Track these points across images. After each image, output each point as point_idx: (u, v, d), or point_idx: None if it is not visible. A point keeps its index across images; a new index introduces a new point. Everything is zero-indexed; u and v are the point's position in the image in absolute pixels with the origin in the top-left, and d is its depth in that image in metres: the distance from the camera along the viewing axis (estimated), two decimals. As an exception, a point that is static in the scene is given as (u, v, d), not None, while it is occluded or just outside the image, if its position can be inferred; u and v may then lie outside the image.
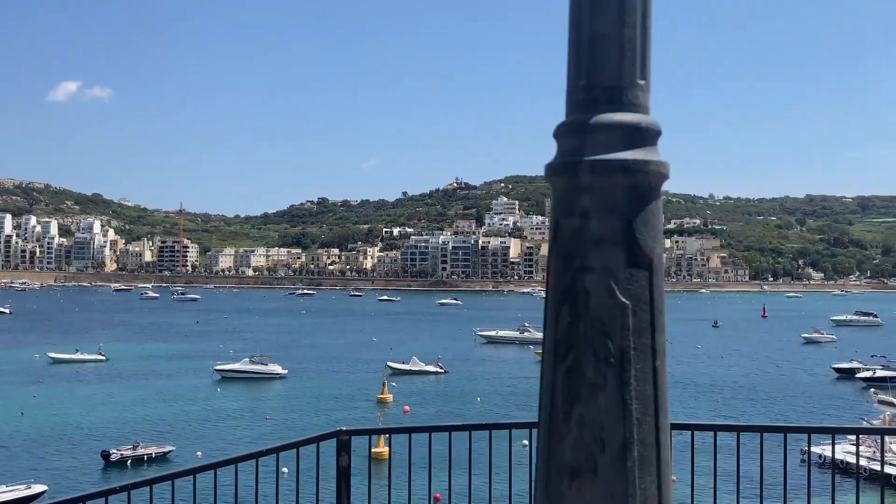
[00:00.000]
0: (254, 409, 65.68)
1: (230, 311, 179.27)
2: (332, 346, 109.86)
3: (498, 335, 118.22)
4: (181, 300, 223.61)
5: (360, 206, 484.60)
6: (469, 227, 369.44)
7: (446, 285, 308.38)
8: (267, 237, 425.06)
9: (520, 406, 66.07)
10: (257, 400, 70.56)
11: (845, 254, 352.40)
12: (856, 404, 64.94)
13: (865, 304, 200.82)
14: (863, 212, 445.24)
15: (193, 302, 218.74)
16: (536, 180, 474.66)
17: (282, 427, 58.65)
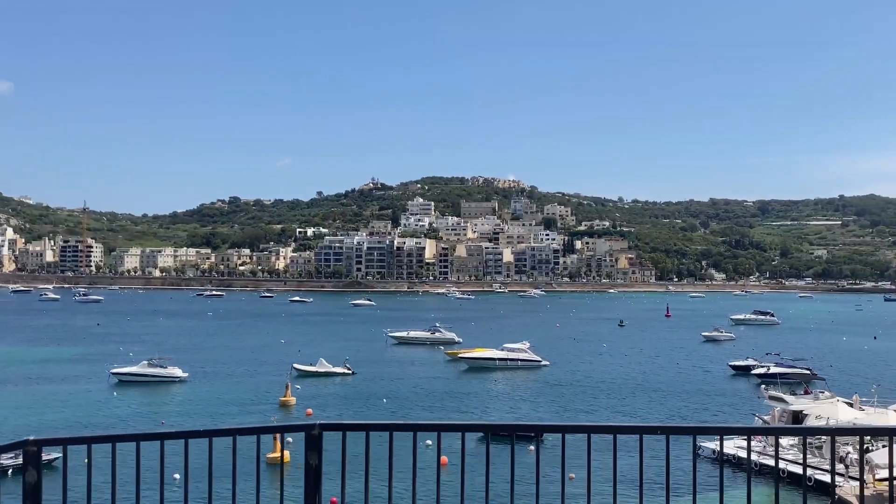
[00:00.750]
0: (149, 414, 63.43)
1: (134, 313, 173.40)
2: (237, 349, 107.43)
3: (409, 336, 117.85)
4: (83, 301, 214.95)
5: (273, 205, 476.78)
6: (385, 228, 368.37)
7: (361, 286, 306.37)
8: (176, 237, 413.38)
9: (425, 407, 66.04)
10: (154, 404, 68.15)
11: (746, 255, 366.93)
12: (749, 400, 67.27)
13: (764, 303, 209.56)
14: (762, 215, 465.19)
15: (96, 303, 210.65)
16: (452, 181, 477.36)
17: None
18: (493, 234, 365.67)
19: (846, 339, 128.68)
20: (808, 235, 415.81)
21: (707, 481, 48.35)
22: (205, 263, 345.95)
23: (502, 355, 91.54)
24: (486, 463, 6.26)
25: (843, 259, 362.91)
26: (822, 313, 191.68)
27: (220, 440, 6.31)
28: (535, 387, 78.98)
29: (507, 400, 70.73)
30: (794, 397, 57.51)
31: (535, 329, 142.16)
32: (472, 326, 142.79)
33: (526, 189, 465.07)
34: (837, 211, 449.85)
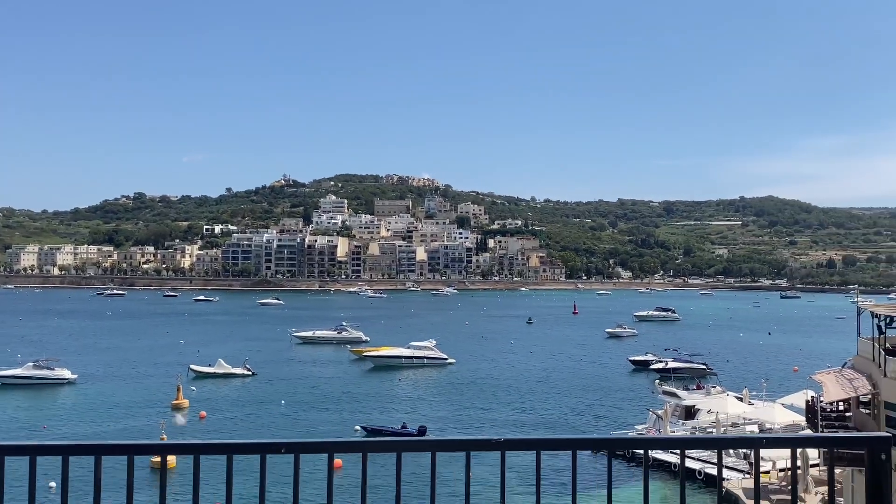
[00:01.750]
0: (31, 418, 60.06)
1: (27, 313, 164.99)
2: (134, 349, 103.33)
3: (315, 335, 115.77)
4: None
5: (180, 202, 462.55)
6: (296, 226, 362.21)
7: (270, 285, 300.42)
8: (77, 234, 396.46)
9: (323, 408, 64.68)
10: (37, 408, 64.63)
11: (651, 254, 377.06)
12: (646, 395, 68.42)
13: (667, 300, 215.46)
14: (668, 216, 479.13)
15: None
16: (367, 179, 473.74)
17: (61, 436, 53.93)
18: (407, 233, 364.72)
19: (742, 335, 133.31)
20: (710, 235, 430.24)
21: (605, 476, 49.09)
22: (107, 262, 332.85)
23: (408, 354, 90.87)
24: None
25: (743, 258, 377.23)
26: (721, 310, 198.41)
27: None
28: (438, 385, 78.56)
29: (407, 400, 69.97)
30: (687, 392, 58.81)
31: (444, 327, 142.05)
32: (381, 325, 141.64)
33: (440, 188, 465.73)
34: (738, 212, 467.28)
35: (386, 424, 55.49)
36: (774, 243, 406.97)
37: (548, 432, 56.43)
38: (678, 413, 56.09)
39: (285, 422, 59.12)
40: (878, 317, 29.85)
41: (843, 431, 29.91)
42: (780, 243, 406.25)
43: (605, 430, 55.01)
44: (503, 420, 60.43)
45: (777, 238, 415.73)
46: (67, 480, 3.93)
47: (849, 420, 32.42)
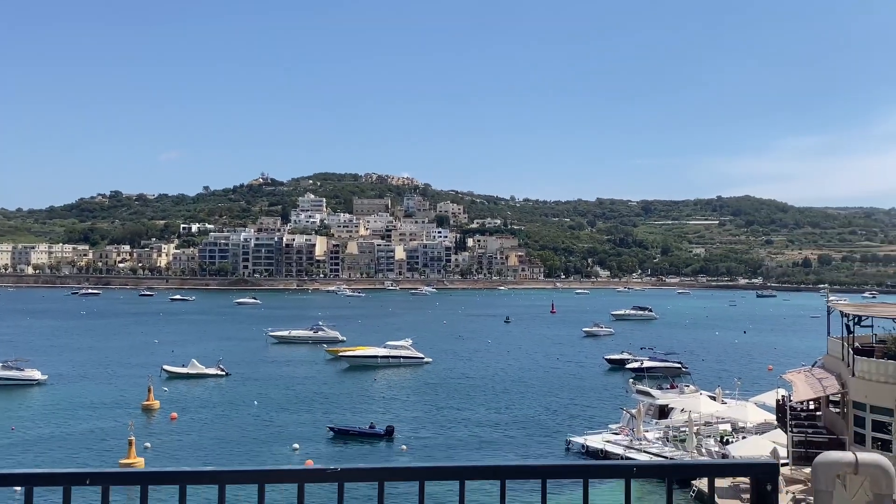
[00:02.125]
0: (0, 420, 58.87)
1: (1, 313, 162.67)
2: (106, 350, 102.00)
3: (290, 335, 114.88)
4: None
5: (157, 200, 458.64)
6: (274, 225, 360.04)
7: (248, 284, 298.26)
8: (52, 233, 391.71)
9: (295, 409, 64.08)
10: (5, 409, 63.36)
11: (629, 253, 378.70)
12: (621, 394, 68.38)
13: (645, 299, 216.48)
14: (646, 215, 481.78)
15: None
16: (345, 178, 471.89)
17: (29, 438, 53.01)
18: (386, 232, 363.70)
19: (718, 333, 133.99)
20: (687, 234, 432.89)
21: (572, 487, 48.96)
22: (82, 261, 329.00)
23: (384, 353, 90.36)
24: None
25: (720, 257, 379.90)
26: (698, 309, 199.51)
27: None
28: (413, 385, 78.15)
29: (380, 400, 69.45)
30: (661, 391, 58.83)
31: (422, 326, 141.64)
32: (358, 324, 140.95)
33: (420, 187, 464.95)
34: (715, 211, 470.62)
35: (354, 425, 55.14)
36: (751, 242, 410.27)
37: (519, 432, 56.27)
38: (652, 412, 56.11)
39: (256, 423, 58.47)
40: (847, 316, 29.86)
41: (811, 431, 29.91)
42: (756, 242, 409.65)
43: (578, 430, 54.90)
44: (476, 420, 60.14)
45: (753, 237, 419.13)
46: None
47: (818, 419, 32.44)
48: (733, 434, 51.10)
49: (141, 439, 51.95)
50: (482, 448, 51.63)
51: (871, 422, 26.86)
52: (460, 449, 51.41)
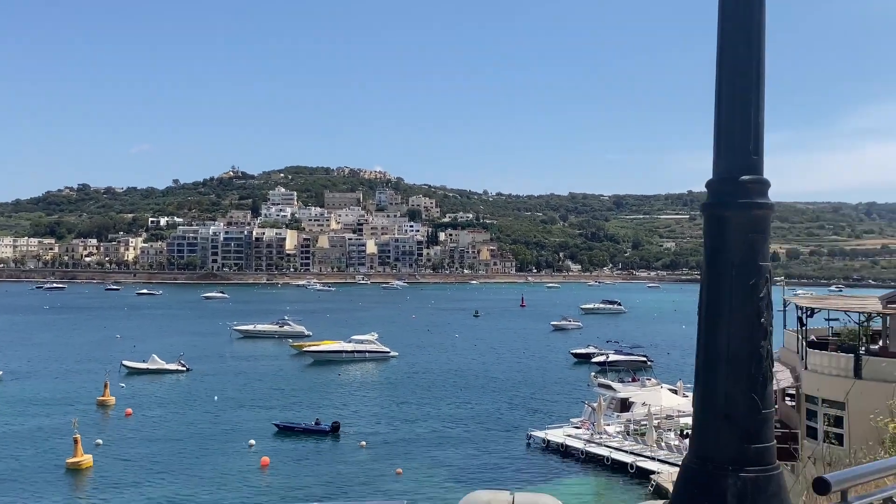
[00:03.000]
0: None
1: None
2: (66, 345, 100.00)
3: (255, 329, 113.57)
4: None
5: (125, 193, 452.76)
6: (244, 218, 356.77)
7: (217, 278, 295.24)
8: (18, 226, 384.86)
9: (255, 405, 63.02)
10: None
11: (600, 247, 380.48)
12: (585, 388, 68.03)
13: (615, 293, 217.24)
14: (617, 209, 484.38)
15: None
16: (317, 171, 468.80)
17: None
18: (358, 226, 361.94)
19: (685, 327, 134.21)
20: (658, 229, 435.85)
21: (538, 471, 48.47)
22: (48, 254, 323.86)
23: (349, 348, 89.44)
24: None
25: (690, 251, 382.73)
26: (667, 303, 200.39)
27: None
28: (377, 380, 77.42)
29: (341, 395, 68.52)
30: (622, 385, 58.59)
31: (391, 320, 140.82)
32: (327, 318, 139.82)
33: (392, 180, 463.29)
34: (686, 205, 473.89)
35: (299, 421, 54.43)
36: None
37: (480, 427, 55.74)
38: (614, 406, 55.88)
39: (213, 419, 57.37)
40: (801, 309, 29.57)
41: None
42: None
43: (540, 425, 54.45)
44: (437, 415, 59.51)
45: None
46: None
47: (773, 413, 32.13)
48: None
49: (93, 436, 50.72)
50: (441, 444, 51.01)
51: (822, 415, 26.55)
52: (419, 445, 50.76)
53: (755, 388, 3.96)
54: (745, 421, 3.95)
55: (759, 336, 4.01)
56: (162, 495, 39.71)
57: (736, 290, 4.04)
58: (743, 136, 4.18)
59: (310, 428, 52.49)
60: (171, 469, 44.51)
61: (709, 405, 4.05)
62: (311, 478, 44.02)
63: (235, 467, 45.38)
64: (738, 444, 3.93)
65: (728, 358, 3.99)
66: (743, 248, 4.06)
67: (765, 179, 4.16)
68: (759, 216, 4.10)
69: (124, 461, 45.80)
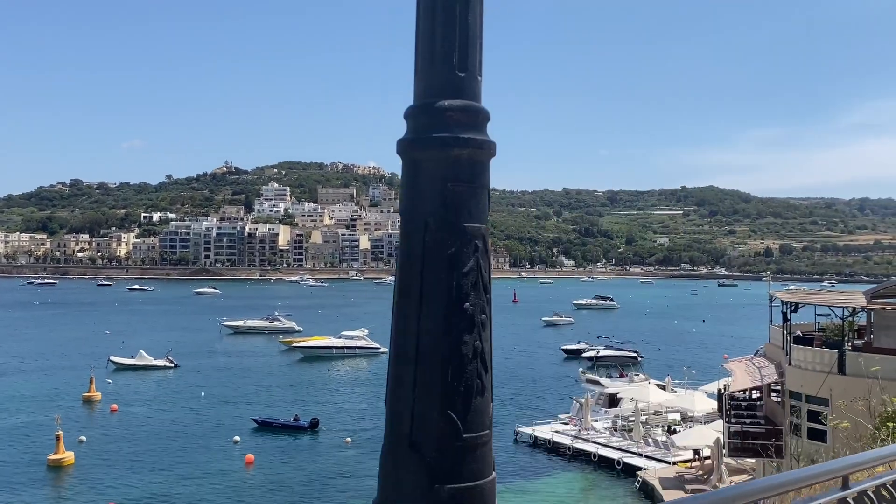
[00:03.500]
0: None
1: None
2: (54, 340, 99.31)
3: (245, 325, 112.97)
4: None
5: (118, 189, 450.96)
6: (237, 214, 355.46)
7: (209, 274, 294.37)
8: (10, 222, 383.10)
9: (241, 401, 62.59)
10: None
11: (594, 243, 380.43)
12: (573, 384, 67.73)
13: (608, 289, 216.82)
14: (611, 205, 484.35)
15: None
16: (311, 167, 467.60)
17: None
18: (351, 221, 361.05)
19: (677, 322, 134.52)
20: (652, 224, 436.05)
21: (525, 467, 48.15)
22: (39, 250, 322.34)
23: (339, 344, 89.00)
24: None
25: (683, 247, 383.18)
26: (660, 298, 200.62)
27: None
28: (366, 376, 77.07)
29: (328, 391, 68.05)
30: (610, 380, 58.31)
31: (383, 316, 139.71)
32: (318, 314, 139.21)
33: (386, 176, 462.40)
34: (680, 201, 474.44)
35: (278, 417, 54.15)
36: (714, 232, 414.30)
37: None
38: (602, 402, 55.58)
39: (199, 415, 56.92)
40: (785, 304, 29.26)
41: (750, 421, 29.28)
42: (719, 232, 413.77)
43: (528, 421, 54.11)
44: None
45: (717, 227, 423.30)
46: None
47: (759, 409, 31.86)
48: (681, 423, 50.71)
49: (77, 432, 50.26)
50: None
51: (806, 411, 26.24)
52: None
53: (454, 403, 2.56)
54: (437, 451, 2.54)
55: (461, 328, 2.61)
56: (143, 493, 39.29)
57: (430, 262, 2.65)
58: (446, 43, 2.78)
59: (288, 424, 52.32)
60: (154, 466, 44.07)
61: (394, 428, 2.63)
62: (295, 475, 43.62)
63: (219, 465, 44.97)
64: (425, 485, 2.53)
65: (416, 359, 2.60)
66: (439, 204, 2.68)
67: (477, 107, 2.81)
68: (466, 158, 2.73)
69: (107, 458, 45.33)
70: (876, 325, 26.78)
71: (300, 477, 43.30)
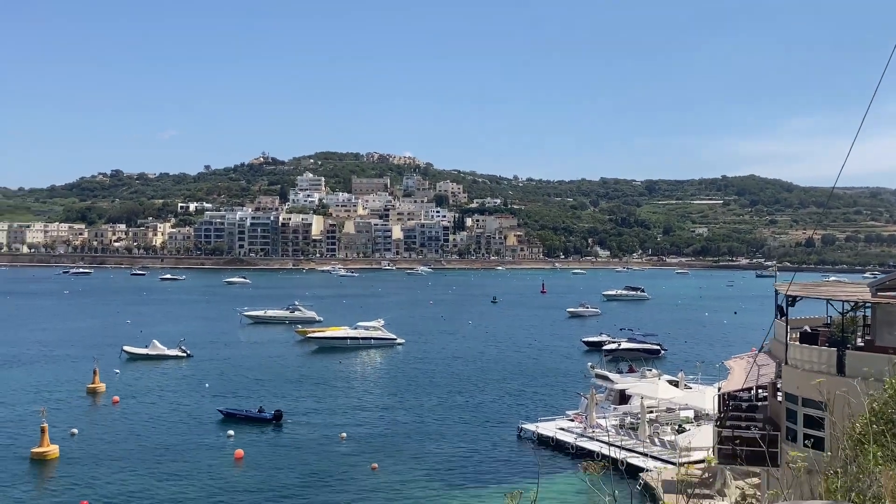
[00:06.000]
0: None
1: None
2: (72, 330, 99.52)
3: (266, 315, 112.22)
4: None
5: (157, 179, 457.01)
6: (272, 204, 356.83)
7: (243, 263, 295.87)
8: (51, 211, 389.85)
9: (245, 393, 61.32)
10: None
11: (630, 233, 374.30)
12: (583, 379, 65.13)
13: (642, 279, 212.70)
14: (650, 194, 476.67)
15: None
16: (347, 157, 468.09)
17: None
18: (384, 211, 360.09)
19: (708, 314, 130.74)
20: (691, 214, 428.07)
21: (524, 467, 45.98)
22: (77, 240, 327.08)
23: (354, 334, 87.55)
24: None
25: (722, 237, 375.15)
26: (693, 289, 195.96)
27: None
28: (377, 367, 75.47)
29: (335, 383, 66.26)
30: (619, 375, 55.80)
31: (406, 307, 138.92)
32: (342, 304, 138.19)
33: (421, 166, 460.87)
34: (720, 191, 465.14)
35: (241, 408, 53.13)
36: (755, 222, 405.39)
37: (472, 419, 53.29)
38: (612, 398, 53.14)
39: (192, 408, 55.67)
40: (785, 297, 26.68)
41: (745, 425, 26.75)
42: (760, 222, 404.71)
43: (536, 417, 51.92)
44: (429, 406, 57.21)
45: (758, 217, 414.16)
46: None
47: (760, 410, 29.31)
48: (692, 422, 48.07)
49: (73, 424, 49.42)
50: (427, 437, 48.76)
51: (803, 416, 23.74)
52: (403, 437, 48.57)
53: None
54: None
55: None
56: (121, 490, 37.99)
57: None
58: None
59: (252, 415, 51.19)
60: (141, 461, 42.82)
61: None
62: (284, 472, 42.03)
63: (207, 460, 43.60)
64: None
65: None
66: None
67: None
68: None
69: (94, 453, 44.19)
70: (879, 321, 24.14)
71: (287, 474, 41.68)
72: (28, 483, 39.04)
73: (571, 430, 48.35)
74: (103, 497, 36.93)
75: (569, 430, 48.57)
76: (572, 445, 46.21)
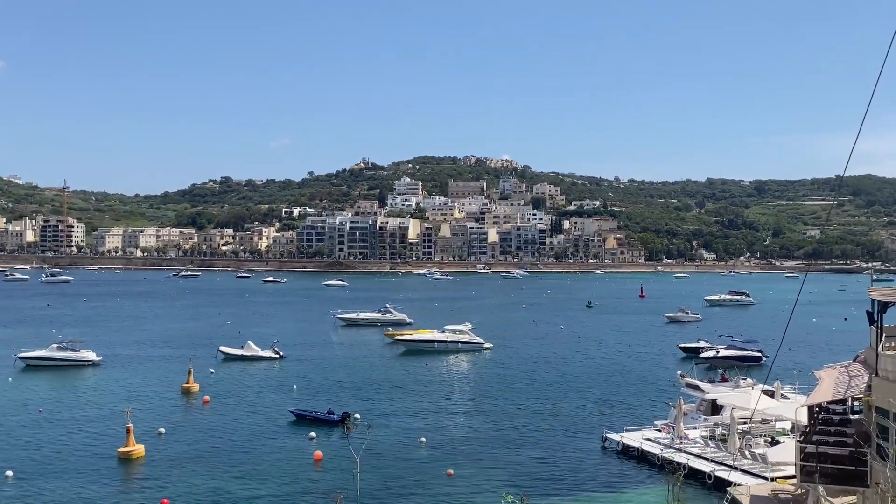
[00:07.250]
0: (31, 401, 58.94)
1: (96, 295, 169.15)
2: (173, 330, 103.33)
3: (358, 317, 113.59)
4: (50, 282, 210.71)
5: (264, 185, 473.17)
6: (371, 208, 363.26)
7: (342, 266, 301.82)
8: (164, 217, 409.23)
9: (330, 395, 61.75)
10: (50, 390, 63.92)
11: (737, 235, 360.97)
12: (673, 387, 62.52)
13: (749, 284, 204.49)
14: (759, 195, 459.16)
15: (64, 284, 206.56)
16: (444, 161, 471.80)
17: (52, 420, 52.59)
18: (480, 214, 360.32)
19: (816, 320, 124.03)
20: (802, 215, 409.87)
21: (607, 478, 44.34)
22: (187, 244, 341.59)
23: (441, 338, 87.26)
24: None
25: (835, 239, 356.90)
26: (803, 294, 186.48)
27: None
28: (463, 372, 74.78)
29: (421, 387, 65.79)
30: (711, 385, 53.20)
31: (499, 310, 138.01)
32: (434, 307, 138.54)
33: (518, 169, 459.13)
34: (833, 190, 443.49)
35: (311, 410, 53.54)
36: (872, 224, 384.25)
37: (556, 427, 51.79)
38: (703, 408, 50.72)
39: (280, 409, 56.36)
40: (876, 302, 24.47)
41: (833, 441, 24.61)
42: (877, 223, 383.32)
43: (619, 427, 50.07)
44: (512, 412, 55.93)
45: (875, 218, 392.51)
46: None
47: (853, 424, 27.02)
48: (788, 434, 45.22)
49: (160, 424, 50.76)
50: (508, 444, 47.63)
51: (895, 433, 21.60)
52: (483, 444, 47.62)
53: None
54: None
55: None
56: (202, 490, 38.61)
57: None
58: None
59: (320, 417, 51.64)
60: (223, 461, 43.48)
61: None
62: (361, 474, 41.82)
63: (288, 461, 43.93)
64: None
65: None
66: None
67: None
68: None
69: (179, 452, 45.21)
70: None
71: (362, 477, 41.45)
72: (111, 482, 40.19)
73: (658, 441, 46.36)
74: (183, 495, 37.63)
75: (656, 440, 46.60)
76: (658, 457, 44.26)
